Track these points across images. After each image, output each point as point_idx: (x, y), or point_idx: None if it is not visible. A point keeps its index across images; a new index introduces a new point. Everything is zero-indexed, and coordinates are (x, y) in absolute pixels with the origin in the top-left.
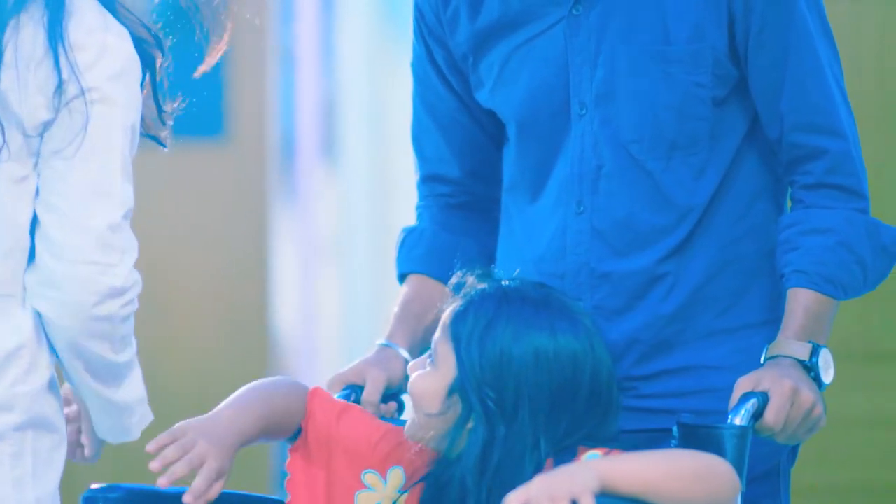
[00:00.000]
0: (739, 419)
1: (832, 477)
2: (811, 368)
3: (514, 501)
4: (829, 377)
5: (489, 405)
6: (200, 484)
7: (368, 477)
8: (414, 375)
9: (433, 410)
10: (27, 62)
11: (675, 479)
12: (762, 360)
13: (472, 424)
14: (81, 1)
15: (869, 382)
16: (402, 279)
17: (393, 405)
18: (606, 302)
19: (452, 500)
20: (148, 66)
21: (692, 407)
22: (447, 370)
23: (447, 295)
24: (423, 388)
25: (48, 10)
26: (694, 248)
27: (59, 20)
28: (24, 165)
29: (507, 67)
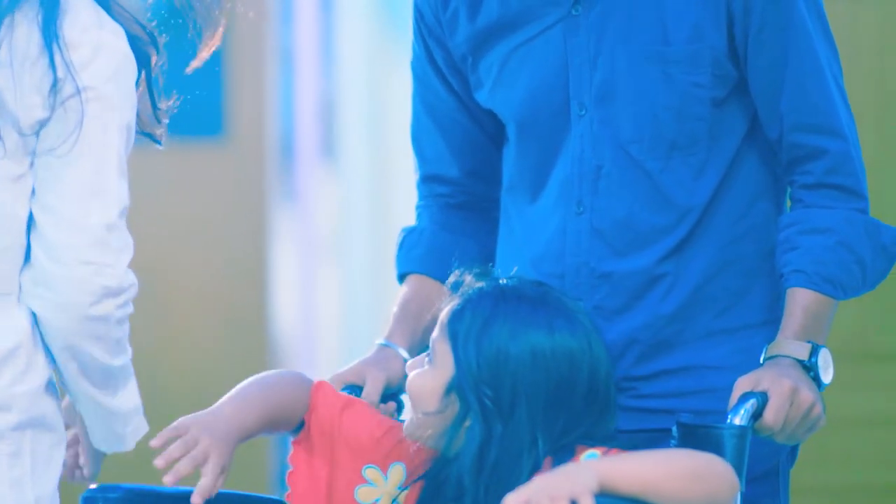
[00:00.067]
0: (739, 419)
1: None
2: (810, 368)
3: (513, 502)
4: (828, 377)
5: (486, 403)
6: (208, 483)
7: (369, 472)
8: (412, 374)
9: (431, 409)
10: (22, 61)
11: (674, 478)
12: (761, 359)
13: (469, 423)
14: None
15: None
16: (401, 279)
17: (392, 405)
18: (606, 302)
19: (449, 498)
20: (143, 63)
21: (692, 407)
22: (445, 368)
23: (446, 295)
24: (420, 386)
25: (43, 8)
26: (693, 248)
27: (53, 18)
28: (20, 164)
29: (506, 68)
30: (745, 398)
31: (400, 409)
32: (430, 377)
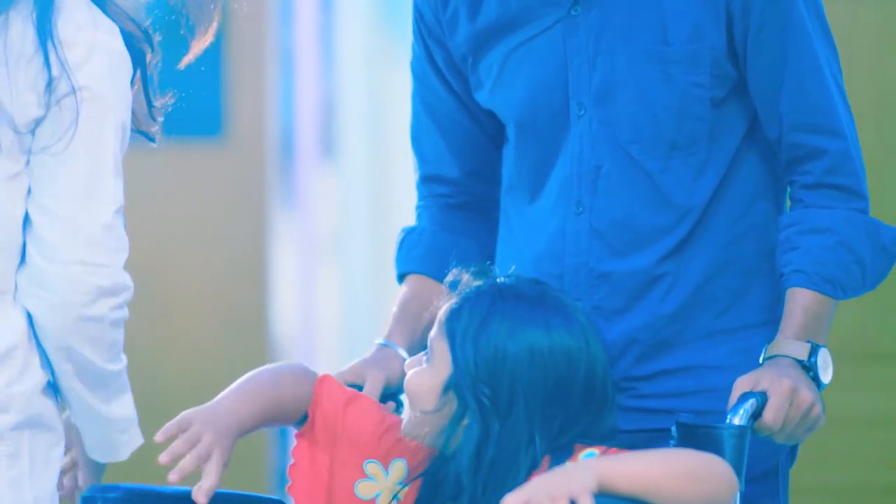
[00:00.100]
0: (738, 419)
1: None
2: (810, 368)
3: (512, 502)
4: (827, 377)
5: (484, 402)
6: (211, 481)
7: (370, 467)
8: (410, 372)
9: (429, 407)
10: (17, 59)
11: (673, 478)
12: (761, 359)
13: (467, 421)
14: None
15: (868, 382)
16: (401, 279)
17: (391, 405)
18: (605, 302)
19: (448, 496)
20: (138, 61)
21: (692, 407)
22: (443, 367)
23: (446, 294)
24: (418, 384)
25: (37, 6)
26: (693, 248)
27: (48, 16)
28: (16, 162)
29: (506, 68)
30: (744, 398)
31: (399, 408)
32: (427, 376)
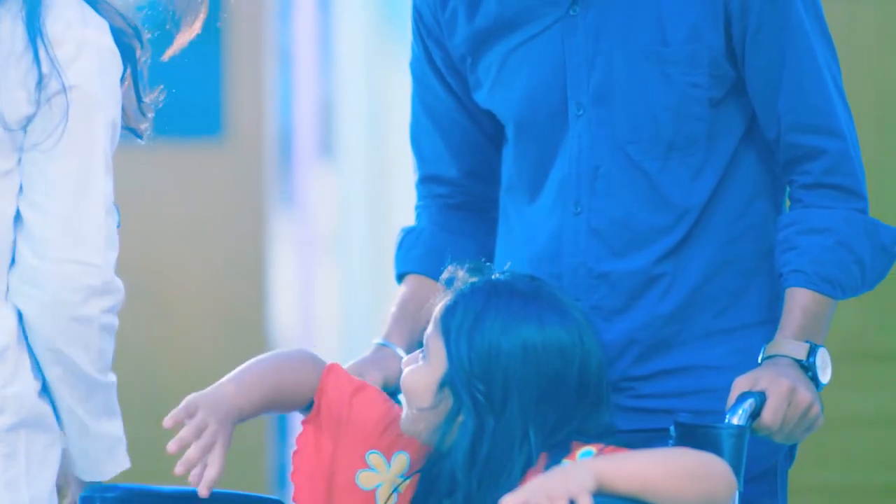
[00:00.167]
0: (737, 419)
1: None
2: (809, 368)
3: (511, 502)
4: (826, 377)
5: (478, 398)
6: (215, 474)
7: (373, 457)
8: (406, 370)
9: (424, 404)
10: (7, 56)
11: (672, 478)
12: (760, 359)
13: (462, 418)
14: None
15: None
16: (400, 279)
17: None
18: (604, 302)
19: (443, 493)
20: (128, 58)
21: (691, 407)
22: (438, 364)
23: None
24: (414, 382)
25: (26, 4)
26: (692, 248)
27: (37, 14)
28: (7, 159)
29: (504, 68)
30: (743, 398)
31: None
32: (423, 373)
